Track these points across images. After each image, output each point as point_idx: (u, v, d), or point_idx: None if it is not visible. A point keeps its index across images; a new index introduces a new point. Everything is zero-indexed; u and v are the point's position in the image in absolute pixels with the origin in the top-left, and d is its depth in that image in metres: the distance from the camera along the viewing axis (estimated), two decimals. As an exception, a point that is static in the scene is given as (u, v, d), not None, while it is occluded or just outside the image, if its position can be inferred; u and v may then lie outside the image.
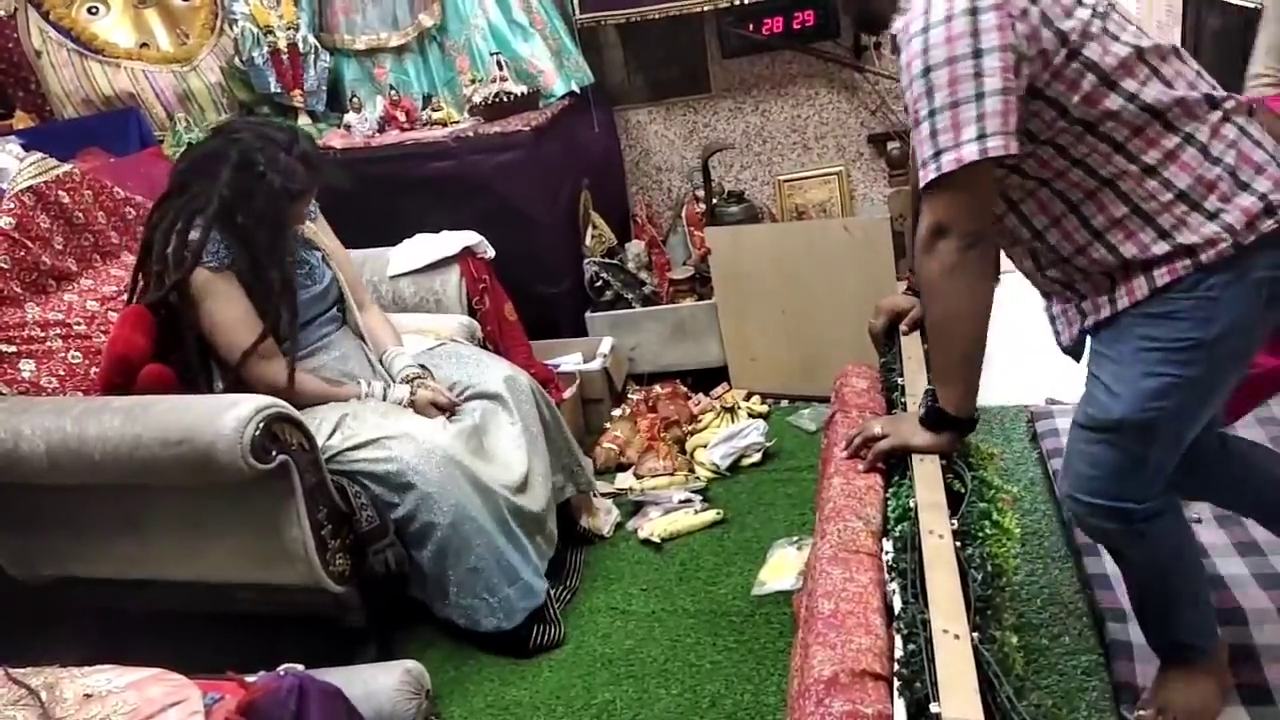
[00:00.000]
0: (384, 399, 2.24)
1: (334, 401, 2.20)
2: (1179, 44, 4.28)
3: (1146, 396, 1.45)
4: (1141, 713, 1.73)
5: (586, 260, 3.36)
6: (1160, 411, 1.45)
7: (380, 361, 2.39)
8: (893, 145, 3.63)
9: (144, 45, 3.21)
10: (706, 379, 3.35)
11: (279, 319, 2.14)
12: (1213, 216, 1.36)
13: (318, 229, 2.44)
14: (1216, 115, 1.39)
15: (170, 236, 2.09)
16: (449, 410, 2.27)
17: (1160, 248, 1.39)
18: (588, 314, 3.34)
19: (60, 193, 2.28)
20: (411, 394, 2.25)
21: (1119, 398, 1.47)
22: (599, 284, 3.33)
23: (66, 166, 2.34)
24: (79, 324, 2.24)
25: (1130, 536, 1.58)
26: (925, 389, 1.56)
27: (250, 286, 2.13)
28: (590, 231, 3.44)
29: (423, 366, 2.35)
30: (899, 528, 1.28)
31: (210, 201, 2.06)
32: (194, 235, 2.06)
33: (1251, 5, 3.49)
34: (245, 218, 2.08)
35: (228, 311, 2.11)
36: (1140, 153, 1.38)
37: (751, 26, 3.52)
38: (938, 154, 1.33)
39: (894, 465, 1.51)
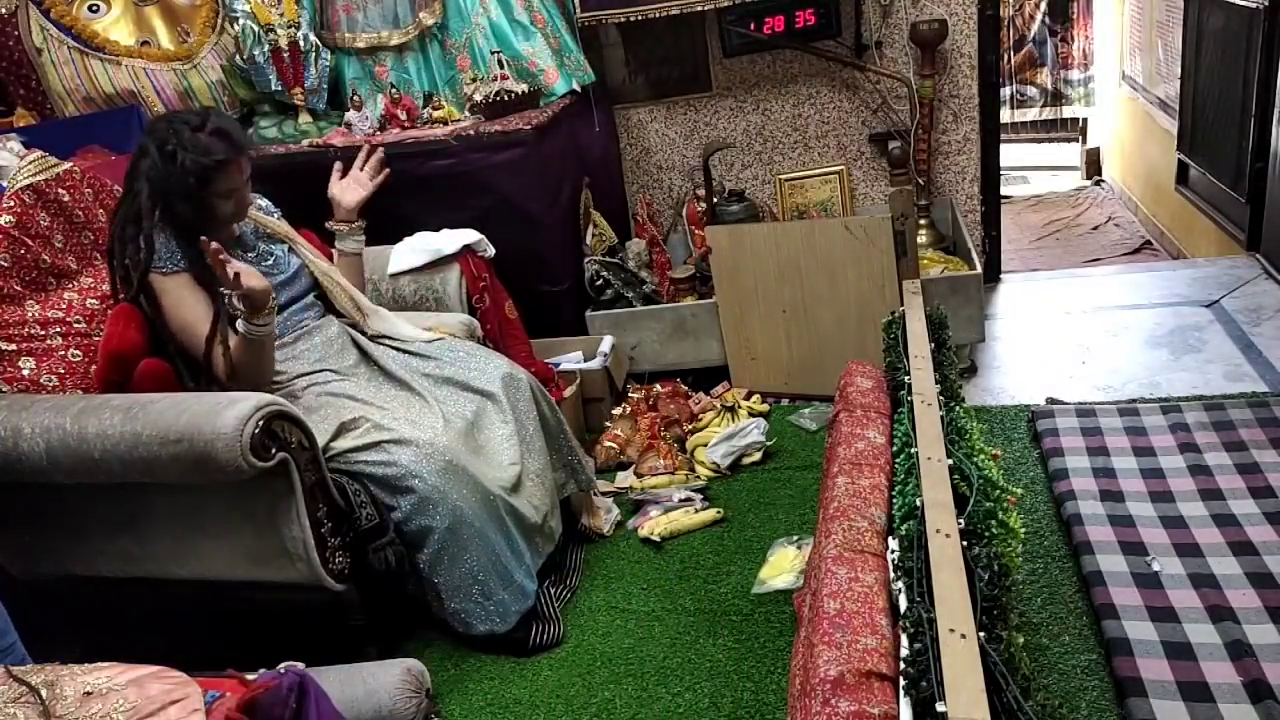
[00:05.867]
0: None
1: (248, 350, 2.08)
2: (1180, 43, 4.29)
3: None
4: None
5: (587, 259, 3.36)
6: None
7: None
8: (894, 144, 3.63)
9: (145, 43, 3.20)
10: (707, 378, 3.35)
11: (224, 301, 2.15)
12: None
13: (280, 224, 2.44)
14: None
15: (125, 243, 2.13)
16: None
17: None
18: (588, 312, 3.33)
19: (60, 190, 2.27)
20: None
21: None
22: (599, 282, 3.33)
23: (67, 164, 2.33)
24: (79, 322, 2.23)
25: None
26: None
27: (203, 279, 2.14)
28: (591, 230, 3.44)
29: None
30: (905, 527, 1.28)
31: (143, 197, 2.10)
32: (142, 240, 2.10)
33: (1251, 5, 3.49)
34: (177, 202, 2.10)
35: (186, 315, 2.14)
36: None
37: (752, 25, 3.51)
38: None
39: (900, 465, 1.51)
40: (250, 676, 1.42)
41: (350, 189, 2.62)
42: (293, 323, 2.33)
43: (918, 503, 1.32)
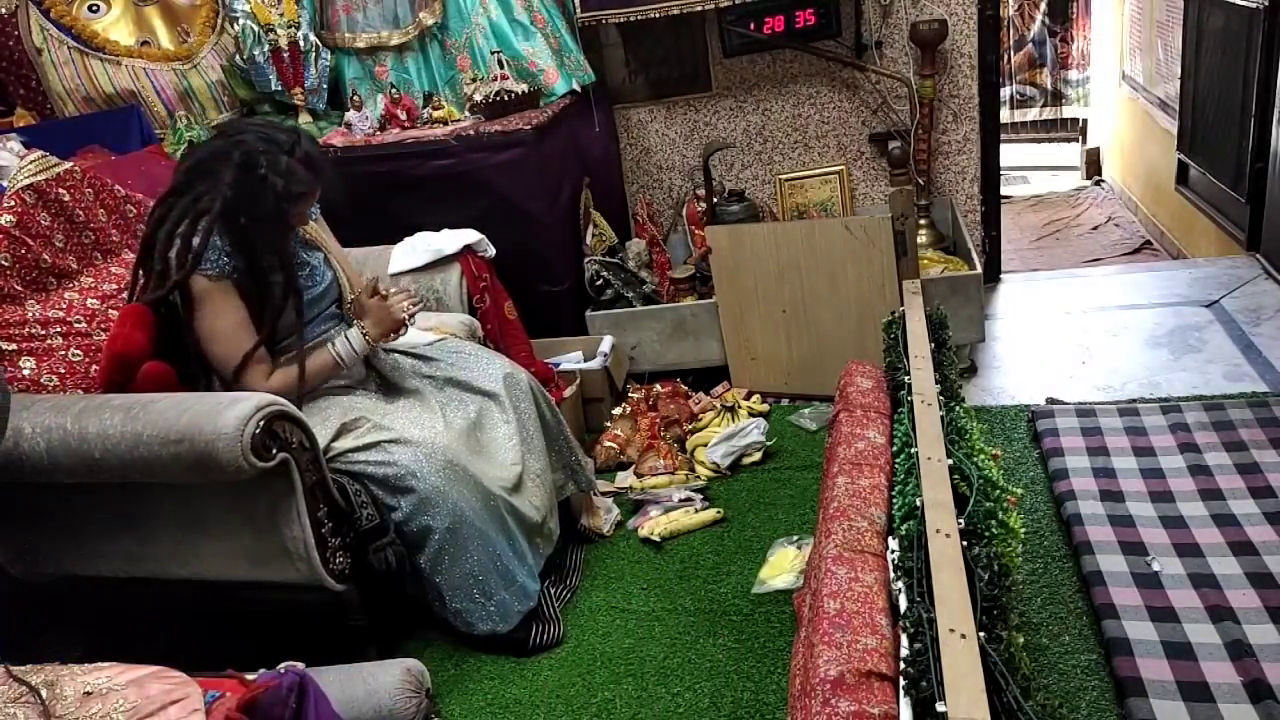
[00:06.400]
0: (354, 347, 2.22)
1: (317, 374, 2.18)
2: (1180, 43, 4.29)
3: None
4: None
5: (587, 259, 3.36)
6: None
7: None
8: (894, 144, 3.63)
9: (145, 43, 3.20)
10: (707, 378, 3.35)
11: (276, 324, 2.14)
12: None
13: (319, 229, 2.43)
14: None
15: (173, 238, 2.07)
16: (409, 312, 2.25)
17: None
18: (588, 312, 3.33)
19: (61, 190, 2.27)
20: (363, 330, 2.22)
21: None
22: (599, 282, 3.33)
23: (67, 164, 2.33)
24: (79, 322, 2.23)
25: None
26: None
27: (249, 292, 2.11)
28: (591, 230, 3.44)
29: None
30: (905, 527, 1.28)
31: (213, 204, 2.04)
32: (196, 240, 2.04)
33: (1251, 5, 3.49)
34: (247, 220, 2.07)
35: (221, 322, 2.10)
36: None
37: (753, 25, 3.52)
38: None
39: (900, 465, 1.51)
40: (250, 676, 1.42)
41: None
42: (317, 333, 2.29)
43: (918, 503, 1.32)
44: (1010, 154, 5.73)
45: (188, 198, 2.08)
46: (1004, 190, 4.43)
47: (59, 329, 2.19)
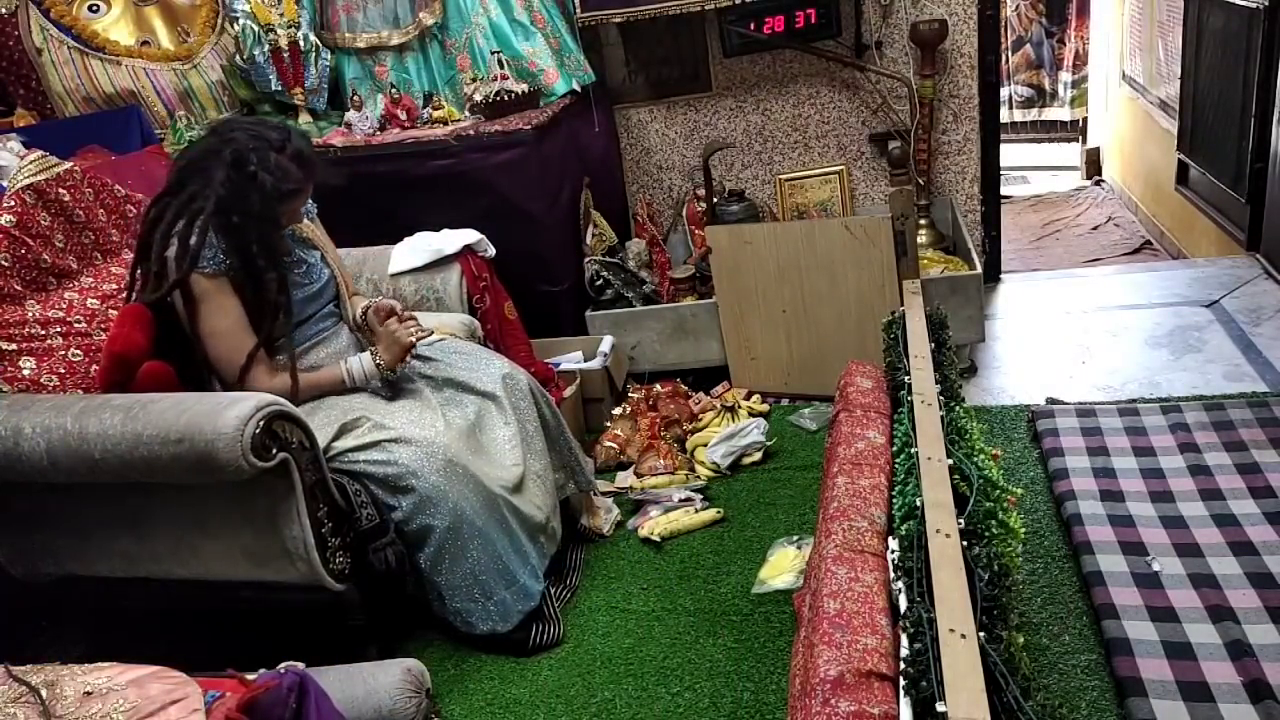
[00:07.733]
0: (364, 371, 2.23)
1: (323, 387, 2.21)
2: (1180, 44, 4.29)
3: None
4: None
5: (587, 259, 3.36)
6: None
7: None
8: (894, 144, 3.63)
9: (145, 43, 3.20)
10: (707, 378, 3.35)
11: (275, 322, 2.14)
12: None
13: (315, 228, 2.44)
14: None
15: (169, 238, 2.08)
16: (416, 338, 2.25)
17: None
18: (588, 312, 3.33)
19: (61, 190, 2.27)
20: (374, 356, 2.24)
21: None
22: (599, 283, 3.33)
23: (67, 164, 2.33)
24: (79, 322, 2.23)
25: None
26: None
27: (245, 290, 2.12)
28: (591, 230, 3.44)
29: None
30: (905, 527, 1.28)
31: (206, 203, 2.05)
32: (192, 239, 2.05)
33: (1251, 5, 3.49)
34: (240, 218, 2.07)
35: (221, 320, 2.10)
36: None
37: (753, 25, 3.51)
38: None
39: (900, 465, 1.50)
40: (250, 676, 1.42)
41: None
42: (314, 331, 2.30)
43: (918, 503, 1.32)
44: (1010, 154, 5.73)
45: (182, 197, 2.09)
46: (1004, 190, 4.44)
47: (59, 329, 2.19)
